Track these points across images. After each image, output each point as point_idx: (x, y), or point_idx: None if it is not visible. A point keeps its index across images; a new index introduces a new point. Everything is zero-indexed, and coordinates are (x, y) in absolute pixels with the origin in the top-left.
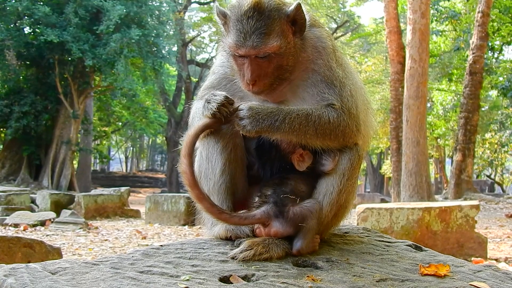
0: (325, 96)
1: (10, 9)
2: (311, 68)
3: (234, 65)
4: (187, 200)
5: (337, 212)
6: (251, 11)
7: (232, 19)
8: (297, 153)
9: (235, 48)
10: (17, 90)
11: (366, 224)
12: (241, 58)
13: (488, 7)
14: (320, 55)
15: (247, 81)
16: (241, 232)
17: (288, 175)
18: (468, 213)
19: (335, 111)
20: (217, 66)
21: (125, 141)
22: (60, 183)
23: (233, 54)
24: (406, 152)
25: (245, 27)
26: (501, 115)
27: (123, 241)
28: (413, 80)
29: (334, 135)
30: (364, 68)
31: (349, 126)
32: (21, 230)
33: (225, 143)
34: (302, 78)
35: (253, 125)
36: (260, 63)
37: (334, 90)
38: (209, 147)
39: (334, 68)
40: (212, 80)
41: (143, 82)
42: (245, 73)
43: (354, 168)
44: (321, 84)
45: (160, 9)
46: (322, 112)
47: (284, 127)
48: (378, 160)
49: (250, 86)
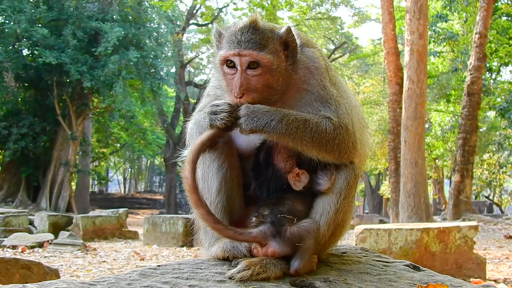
0: (321, 113)
1: (9, 31)
2: (304, 88)
3: (223, 81)
4: (185, 222)
5: (335, 232)
6: (246, 27)
7: (226, 35)
8: (293, 173)
9: (227, 53)
10: (15, 112)
11: (364, 244)
12: (231, 70)
13: (486, 28)
14: (313, 75)
15: (234, 93)
16: (238, 252)
17: (285, 194)
18: (466, 234)
19: (332, 124)
20: (211, 87)
21: (123, 162)
22: (58, 205)
23: (223, 64)
24: (405, 173)
25: (239, 38)
26: (499, 136)
27: (121, 262)
28: (411, 101)
29: (330, 147)
30: (362, 89)
31: (345, 141)
32: (19, 252)
33: (220, 163)
34: (295, 99)
35: (248, 123)
36: (250, 76)
37: (330, 107)
38: (204, 167)
39: (328, 87)
40: (206, 102)
41: (141, 103)
42: (233, 86)
43: (350, 187)
44: (315, 103)
45: (158, 31)
46: (320, 121)
47: (280, 128)
48: (377, 181)
49: (238, 99)
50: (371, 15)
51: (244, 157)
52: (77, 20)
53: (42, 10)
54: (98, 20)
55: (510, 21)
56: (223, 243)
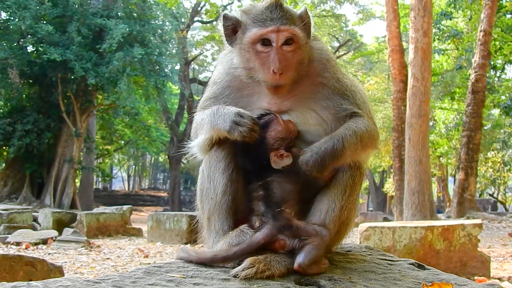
0: (343, 107)
1: (13, 28)
2: (319, 81)
3: (254, 61)
4: (189, 219)
5: (340, 229)
6: (274, 5)
7: (252, 16)
8: (278, 152)
9: (263, 30)
10: (19, 109)
11: (368, 242)
12: (265, 48)
13: (490, 26)
14: (326, 68)
15: (274, 69)
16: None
17: (270, 177)
18: (471, 232)
19: (363, 119)
20: (220, 74)
21: (127, 159)
22: (62, 202)
23: (256, 43)
24: (409, 171)
25: (270, 16)
26: (504, 133)
27: (125, 259)
28: (416, 99)
29: (371, 143)
30: (366, 86)
31: (376, 130)
32: (23, 249)
33: (227, 163)
34: (312, 92)
35: (318, 166)
36: (285, 53)
37: (349, 99)
38: (211, 166)
39: (341, 79)
40: (215, 90)
41: (146, 100)
42: (271, 63)
43: (355, 184)
44: (334, 97)
45: (163, 28)
46: (358, 123)
47: (342, 156)
48: (381, 178)
49: (278, 75)
50: (376, 13)
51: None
52: (81, 17)
53: (47, 7)
54: (103, 17)
55: None
56: (229, 239)
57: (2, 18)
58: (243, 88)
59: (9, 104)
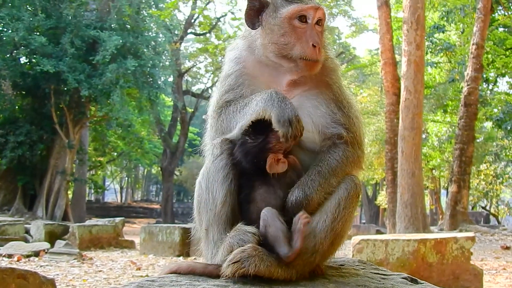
0: (335, 118)
1: (7, 39)
2: (325, 81)
3: (291, 36)
4: (182, 231)
5: (333, 240)
6: None
7: None
8: (276, 156)
9: (303, 6)
10: (12, 120)
11: (361, 255)
12: (302, 24)
13: (483, 39)
14: (334, 71)
15: (314, 43)
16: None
17: (256, 191)
18: (463, 244)
19: (345, 149)
20: (230, 66)
21: (120, 171)
22: (54, 213)
23: (294, 19)
24: (402, 183)
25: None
26: (496, 146)
27: (118, 272)
28: (408, 112)
29: (349, 170)
30: (359, 99)
31: (358, 155)
32: (15, 261)
33: (225, 173)
34: (316, 93)
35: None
36: (317, 31)
37: (343, 111)
38: (209, 177)
39: (343, 87)
40: (230, 82)
41: (139, 112)
42: (309, 38)
43: (351, 197)
44: (332, 103)
45: (156, 39)
46: (336, 156)
47: (319, 196)
48: (374, 191)
49: (317, 49)
50: (369, 26)
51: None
52: (75, 29)
53: (40, 18)
54: (96, 28)
55: (506, 32)
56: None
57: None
58: (256, 76)
59: (1, 115)
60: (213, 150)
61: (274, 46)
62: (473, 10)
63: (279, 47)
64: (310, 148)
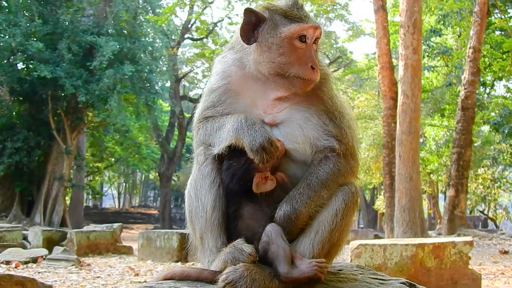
0: (327, 129)
1: (4, 45)
2: (316, 94)
3: (290, 56)
4: (180, 237)
5: (330, 250)
6: (297, 4)
7: (281, 12)
8: (264, 174)
9: (304, 26)
10: (9, 126)
11: (359, 260)
12: (302, 44)
13: (480, 42)
14: (325, 82)
15: (312, 65)
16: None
17: (242, 210)
18: (462, 249)
19: (336, 159)
20: (216, 80)
21: (118, 177)
22: (52, 219)
23: (295, 39)
24: (399, 188)
25: (301, 14)
26: (494, 150)
27: (116, 278)
28: (406, 116)
29: (342, 181)
30: (356, 103)
31: (351, 166)
32: (12, 267)
33: (212, 179)
34: (307, 105)
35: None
36: (314, 50)
37: (335, 122)
38: (196, 185)
39: (334, 98)
40: (212, 99)
41: (136, 117)
42: (308, 59)
43: (348, 207)
44: (324, 115)
45: (153, 45)
46: (327, 168)
47: (308, 209)
48: (371, 195)
49: (315, 71)
50: (366, 30)
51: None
52: (72, 34)
53: (37, 24)
54: (93, 34)
55: (503, 35)
56: (223, 256)
57: None
58: (241, 92)
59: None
60: (198, 158)
61: (271, 64)
62: (469, 14)
63: (276, 65)
64: (301, 160)
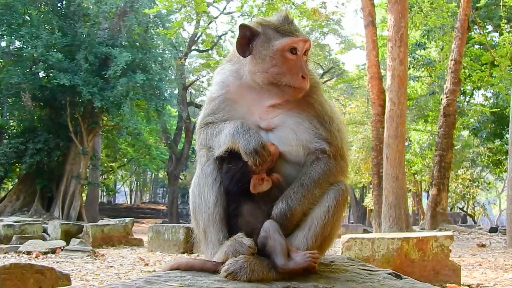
0: (317, 133)
1: (26, 55)
2: (307, 100)
3: (281, 67)
4: (186, 230)
5: (322, 243)
6: (288, 19)
7: (273, 27)
8: (260, 175)
9: (295, 39)
10: (31, 129)
11: (350, 252)
12: (292, 56)
13: (460, 55)
14: (316, 89)
15: (302, 75)
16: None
17: (241, 208)
18: (443, 242)
19: (327, 159)
20: (216, 90)
21: (130, 175)
22: (70, 214)
23: (287, 51)
24: (386, 187)
25: (292, 27)
26: (473, 153)
27: (127, 267)
28: (393, 121)
29: (332, 180)
30: (348, 110)
31: (341, 167)
32: (33, 257)
33: (214, 177)
34: (299, 111)
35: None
36: (304, 61)
37: (325, 126)
38: (199, 184)
39: (324, 104)
40: (212, 107)
41: (147, 122)
42: (299, 69)
43: (339, 204)
44: (315, 119)
45: (163, 56)
46: (318, 169)
47: (302, 206)
48: (361, 193)
49: (306, 80)
50: (357, 43)
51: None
52: (89, 46)
53: (57, 37)
54: (108, 46)
55: (482, 49)
56: (225, 248)
57: (16, 46)
58: (238, 100)
59: (21, 125)
60: (200, 159)
61: (264, 74)
62: (451, 29)
63: (269, 75)
64: (295, 161)
